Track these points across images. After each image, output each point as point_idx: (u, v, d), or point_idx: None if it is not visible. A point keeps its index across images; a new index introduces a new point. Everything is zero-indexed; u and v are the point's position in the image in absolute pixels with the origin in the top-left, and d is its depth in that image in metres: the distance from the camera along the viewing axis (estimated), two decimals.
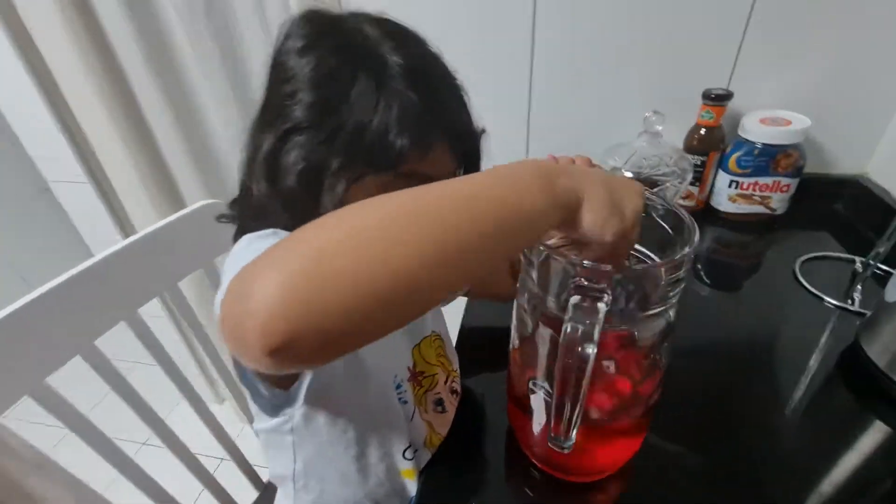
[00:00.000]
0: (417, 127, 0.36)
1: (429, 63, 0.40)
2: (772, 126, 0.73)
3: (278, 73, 0.39)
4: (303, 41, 0.38)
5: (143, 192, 1.02)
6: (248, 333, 0.20)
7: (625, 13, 0.76)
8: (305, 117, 0.37)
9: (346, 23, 0.39)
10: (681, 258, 0.30)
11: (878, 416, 0.49)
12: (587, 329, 0.27)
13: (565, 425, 0.29)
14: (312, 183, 0.38)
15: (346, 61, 0.37)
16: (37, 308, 0.51)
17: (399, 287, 0.21)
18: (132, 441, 1.32)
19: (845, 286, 0.65)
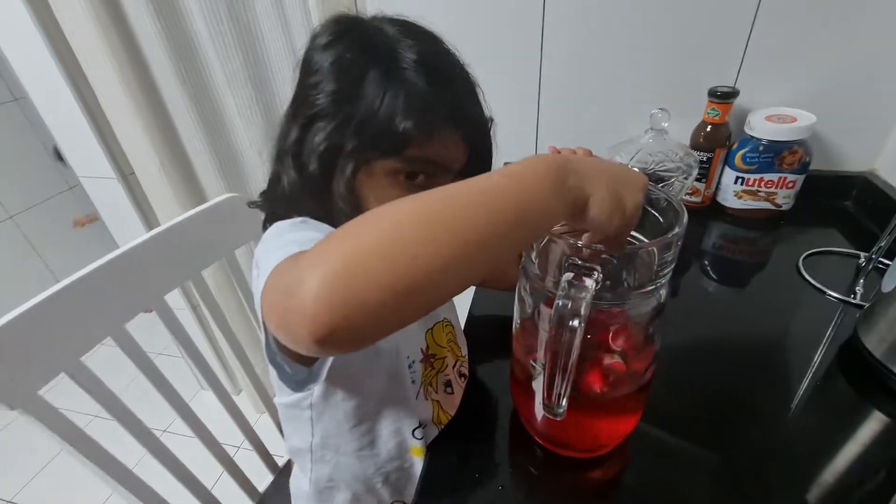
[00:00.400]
0: (422, 112, 0.39)
1: (441, 57, 0.43)
2: (777, 123, 0.74)
3: (305, 68, 0.43)
4: (327, 38, 0.41)
5: (169, 189, 1.07)
6: (296, 325, 0.24)
7: (632, 11, 0.78)
8: (326, 105, 0.40)
9: (367, 22, 0.43)
10: (671, 238, 0.32)
11: (876, 406, 0.50)
12: (576, 303, 0.29)
13: (557, 393, 0.31)
14: (329, 166, 0.41)
15: (362, 54, 0.40)
16: (71, 292, 0.55)
17: (427, 282, 0.25)
18: (155, 428, 1.37)
19: (849, 280, 0.66)
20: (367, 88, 0.39)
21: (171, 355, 1.67)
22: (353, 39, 0.41)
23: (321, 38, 0.42)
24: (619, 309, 0.35)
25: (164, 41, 0.93)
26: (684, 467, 0.45)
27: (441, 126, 0.41)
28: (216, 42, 0.93)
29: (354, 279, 0.23)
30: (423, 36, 0.43)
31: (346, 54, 0.40)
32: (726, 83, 0.79)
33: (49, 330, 0.54)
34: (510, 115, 0.92)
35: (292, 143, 0.42)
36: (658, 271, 0.32)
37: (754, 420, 0.50)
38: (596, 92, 0.87)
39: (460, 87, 0.43)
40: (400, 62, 0.39)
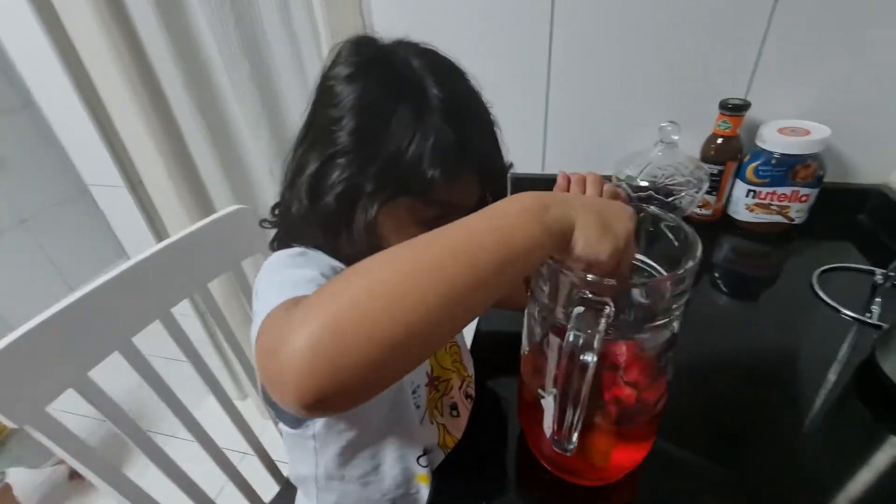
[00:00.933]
0: (449, 160, 0.38)
1: (467, 99, 0.43)
2: (790, 136, 0.73)
3: (326, 98, 0.41)
4: (351, 69, 0.40)
5: (176, 198, 1.07)
6: (284, 391, 0.23)
7: (642, 23, 0.77)
8: (348, 142, 0.39)
9: (393, 54, 0.41)
10: (683, 273, 0.31)
11: (893, 432, 0.49)
12: (588, 338, 0.29)
13: (567, 429, 0.31)
14: (348, 204, 0.40)
15: (389, 92, 0.39)
16: (80, 307, 0.56)
17: (413, 338, 0.24)
18: (161, 433, 1.38)
19: (865, 298, 0.65)
20: (393, 130, 0.38)
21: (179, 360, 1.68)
22: (379, 73, 0.40)
23: (343, 68, 0.41)
24: (630, 342, 0.34)
25: (171, 50, 0.94)
26: (695, 490, 0.44)
27: (465, 174, 0.41)
28: (223, 52, 0.94)
29: (339, 340, 0.23)
30: (448, 72, 0.42)
31: (371, 91, 0.39)
32: (737, 95, 0.78)
33: (56, 346, 0.54)
34: (519, 128, 0.92)
35: (309, 177, 0.41)
36: (671, 304, 0.32)
37: (767, 442, 0.49)
38: (605, 104, 0.86)
39: (485, 135, 0.44)
40: (427, 103, 0.39)
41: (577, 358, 0.29)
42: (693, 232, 0.34)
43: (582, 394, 0.29)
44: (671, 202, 0.74)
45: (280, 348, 0.24)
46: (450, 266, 0.25)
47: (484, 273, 0.26)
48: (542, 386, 0.38)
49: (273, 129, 1.03)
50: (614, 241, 0.30)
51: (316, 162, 0.41)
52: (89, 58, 0.96)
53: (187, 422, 0.67)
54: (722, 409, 0.53)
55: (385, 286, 0.25)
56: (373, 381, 0.24)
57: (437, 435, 0.51)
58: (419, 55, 0.41)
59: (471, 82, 0.44)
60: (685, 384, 0.38)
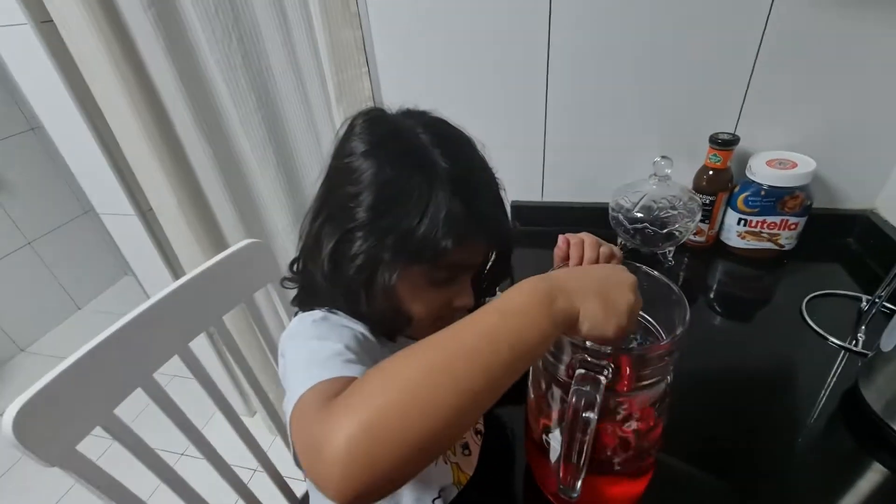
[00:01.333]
0: (459, 230, 0.41)
1: (473, 168, 0.46)
2: (778, 168, 0.76)
3: (343, 175, 0.44)
4: (366, 146, 0.44)
5: (186, 226, 1.10)
6: (328, 489, 0.27)
7: (635, 60, 0.81)
8: (366, 217, 0.42)
9: (403, 129, 0.45)
10: (672, 342, 0.34)
11: (877, 459, 0.52)
12: (589, 398, 0.32)
13: (572, 478, 0.34)
14: (367, 273, 0.43)
15: (402, 168, 0.42)
16: (105, 348, 0.58)
17: (443, 432, 0.28)
18: (172, 452, 1.40)
19: (852, 324, 0.68)
20: (406, 205, 0.41)
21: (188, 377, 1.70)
22: (392, 150, 0.43)
23: (358, 144, 0.44)
24: (626, 398, 0.38)
25: (178, 81, 0.97)
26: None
27: (474, 240, 0.44)
28: (230, 85, 0.97)
29: (375, 445, 0.26)
30: (455, 143, 0.45)
31: (385, 168, 0.42)
32: (727, 128, 0.82)
33: (85, 386, 0.57)
34: (517, 161, 0.95)
35: (331, 250, 0.44)
36: (665, 364, 0.35)
37: (755, 466, 0.52)
38: (601, 137, 0.89)
39: (491, 202, 0.46)
40: (437, 176, 0.41)
41: (580, 416, 0.32)
42: (681, 293, 0.37)
43: (584, 447, 0.32)
44: (666, 233, 0.77)
45: (322, 449, 0.27)
46: (469, 367, 0.29)
47: (501, 370, 0.29)
48: (547, 429, 0.42)
49: (278, 153, 1.06)
50: (618, 320, 0.33)
51: (335, 235, 0.44)
52: (97, 87, 0.98)
53: (198, 442, 0.69)
54: (710, 434, 0.55)
55: (412, 391, 0.28)
56: (407, 474, 0.28)
57: (451, 474, 0.54)
58: (426, 127, 0.45)
59: (477, 150, 0.47)
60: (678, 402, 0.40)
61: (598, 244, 0.45)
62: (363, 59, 0.91)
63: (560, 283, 0.33)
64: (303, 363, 0.38)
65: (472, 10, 0.81)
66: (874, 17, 0.70)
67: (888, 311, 0.69)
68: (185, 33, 0.94)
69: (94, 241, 2.14)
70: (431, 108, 0.48)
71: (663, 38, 0.78)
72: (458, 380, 0.28)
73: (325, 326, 0.45)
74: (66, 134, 1.08)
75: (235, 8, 0.91)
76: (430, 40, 0.87)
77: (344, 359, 0.39)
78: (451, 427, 0.28)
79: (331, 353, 0.39)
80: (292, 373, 0.38)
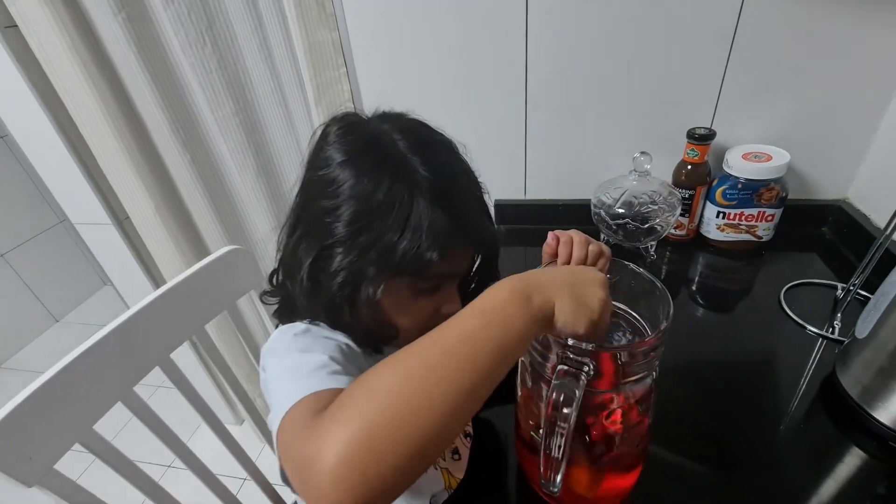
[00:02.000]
0: (443, 240, 0.40)
1: (453, 173, 0.44)
2: (754, 162, 0.78)
3: (319, 186, 0.43)
4: (342, 155, 0.42)
5: (165, 233, 1.08)
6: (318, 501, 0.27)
7: (613, 58, 0.82)
8: (345, 232, 0.41)
9: (379, 135, 0.43)
10: (656, 338, 0.34)
11: (855, 443, 0.53)
12: (568, 394, 0.32)
13: (552, 472, 0.34)
14: (350, 288, 0.42)
15: (381, 180, 0.40)
16: (82, 362, 0.57)
17: (434, 438, 0.28)
18: (159, 464, 1.38)
19: (828, 312, 0.70)
20: (388, 219, 0.40)
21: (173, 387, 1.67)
22: (368, 161, 0.41)
23: (334, 152, 0.42)
24: (612, 394, 0.38)
25: (152, 86, 0.95)
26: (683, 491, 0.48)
27: (458, 247, 0.43)
28: (206, 90, 0.95)
29: (366, 459, 0.26)
30: (433, 148, 0.44)
31: (363, 179, 0.41)
32: (703, 124, 0.83)
33: (62, 403, 0.55)
34: (499, 160, 0.96)
35: (309, 267, 0.43)
36: (649, 359, 0.35)
37: (739, 454, 0.53)
38: (581, 134, 0.90)
39: (474, 207, 0.45)
40: (417, 186, 0.40)
41: (559, 412, 0.32)
42: (664, 288, 0.38)
43: (563, 444, 0.33)
44: (648, 227, 0.78)
45: (312, 466, 0.26)
46: (453, 373, 0.28)
47: (484, 372, 0.29)
48: (535, 426, 0.42)
49: (258, 157, 1.05)
50: (588, 315, 0.33)
51: (313, 251, 0.43)
52: (66, 93, 0.95)
53: (184, 454, 0.68)
54: (693, 423, 0.56)
55: (400, 401, 0.28)
56: (401, 484, 0.28)
57: (441, 480, 0.54)
58: (404, 133, 0.43)
59: (458, 153, 0.46)
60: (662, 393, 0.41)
61: (586, 242, 0.45)
62: (341, 60, 0.91)
63: (535, 282, 0.34)
64: (286, 377, 0.37)
65: (449, 8, 0.81)
66: (842, 12, 0.72)
67: (862, 298, 0.71)
68: (157, 38, 0.92)
69: (70, 252, 2.08)
70: (409, 108, 0.48)
71: (640, 36, 0.79)
72: (443, 386, 0.28)
73: (307, 339, 0.44)
74: (35, 142, 1.05)
75: (209, 11, 0.89)
76: (409, 41, 0.86)
77: (329, 371, 0.38)
78: (441, 432, 0.28)
79: (315, 365, 0.38)
80: (276, 387, 0.37)
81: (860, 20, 0.72)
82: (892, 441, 0.51)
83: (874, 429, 0.52)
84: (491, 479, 0.53)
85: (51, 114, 1.00)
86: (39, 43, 0.90)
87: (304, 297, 0.44)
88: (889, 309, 0.49)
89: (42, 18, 0.86)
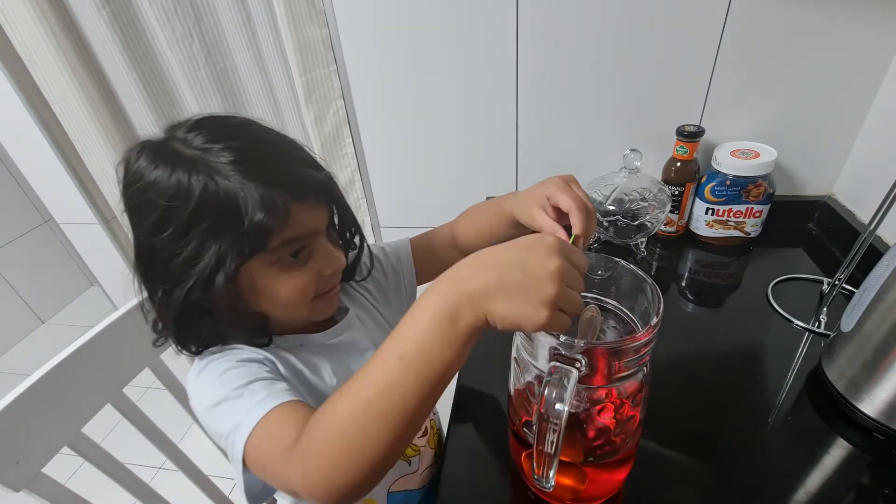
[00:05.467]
0: (269, 206, 0.40)
1: (257, 145, 0.44)
2: (742, 158, 0.79)
3: (138, 207, 0.42)
4: (149, 164, 0.41)
5: None
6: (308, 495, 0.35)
7: (602, 57, 0.82)
8: (174, 239, 0.41)
9: (169, 142, 0.43)
10: (647, 334, 0.35)
11: (841, 435, 0.54)
12: (560, 391, 0.32)
13: (545, 469, 0.34)
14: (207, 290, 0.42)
15: (181, 178, 0.40)
16: (70, 363, 0.56)
17: (389, 455, 0.33)
18: (150, 466, 1.36)
19: (815, 306, 0.71)
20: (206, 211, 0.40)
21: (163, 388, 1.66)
22: (164, 163, 0.41)
23: (141, 167, 0.41)
24: (604, 390, 0.38)
25: (138, 83, 0.93)
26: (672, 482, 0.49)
27: (291, 206, 0.42)
28: (194, 86, 0.94)
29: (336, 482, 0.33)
30: (226, 129, 0.44)
31: (168, 186, 0.40)
32: (693, 121, 0.84)
33: (49, 406, 0.54)
34: (490, 158, 0.96)
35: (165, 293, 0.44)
36: (639, 355, 0.35)
37: (727, 448, 0.53)
38: (571, 133, 0.91)
39: (289, 164, 0.45)
40: (218, 169, 0.40)
41: (552, 408, 0.32)
42: (654, 284, 0.38)
43: (556, 440, 0.33)
44: (638, 224, 0.79)
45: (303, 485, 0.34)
46: (398, 399, 0.32)
47: (428, 385, 0.32)
48: (528, 422, 0.42)
49: None
50: (541, 300, 0.30)
51: (162, 276, 0.43)
52: (49, 89, 0.94)
53: (174, 455, 0.68)
54: (687, 413, 0.57)
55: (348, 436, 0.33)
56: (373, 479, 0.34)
57: None
58: (192, 129, 0.43)
59: (258, 124, 0.46)
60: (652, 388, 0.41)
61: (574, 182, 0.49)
62: (331, 57, 0.90)
63: (465, 288, 0.31)
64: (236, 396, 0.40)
65: (440, 5, 0.81)
66: (827, 12, 0.73)
67: (847, 292, 0.72)
68: (143, 33, 0.90)
69: (56, 252, 2.05)
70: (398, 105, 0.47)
71: (630, 35, 0.79)
72: (393, 413, 0.32)
73: (221, 358, 0.45)
74: (19, 141, 1.04)
75: (196, 7, 0.88)
76: (399, 37, 0.86)
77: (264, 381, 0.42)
78: (395, 448, 0.33)
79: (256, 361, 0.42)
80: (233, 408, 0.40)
81: (846, 19, 0.73)
82: (876, 432, 0.52)
83: (859, 420, 0.53)
84: (483, 474, 0.53)
85: (35, 112, 0.98)
86: (22, 40, 0.88)
87: (178, 323, 0.45)
88: (873, 303, 0.50)
89: (25, 15, 0.84)
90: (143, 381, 0.65)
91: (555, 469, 0.34)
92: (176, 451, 0.68)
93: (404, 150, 0.98)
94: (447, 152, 0.97)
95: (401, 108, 0.92)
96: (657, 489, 0.49)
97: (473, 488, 0.52)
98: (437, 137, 0.95)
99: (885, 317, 0.49)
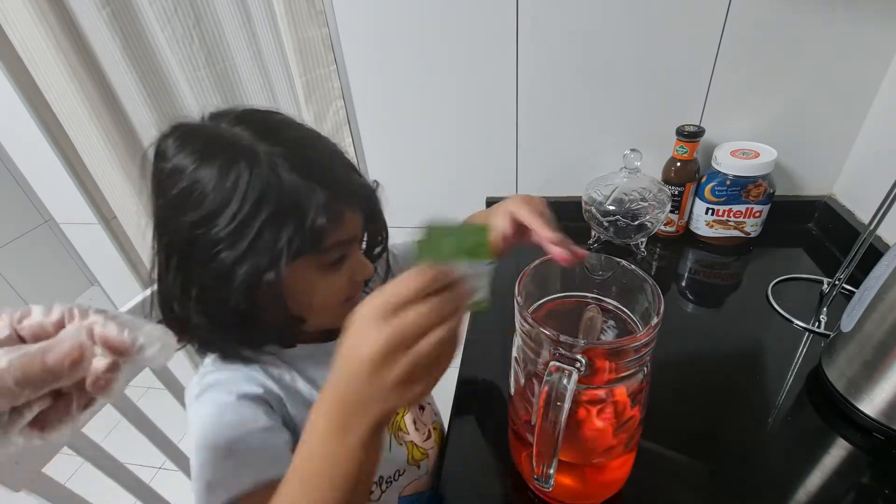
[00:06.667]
0: (325, 208, 0.40)
1: (306, 145, 0.44)
2: (741, 159, 0.79)
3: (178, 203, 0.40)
4: (193, 161, 0.39)
5: None
6: None
7: (603, 57, 0.82)
8: (227, 233, 0.39)
9: (222, 134, 0.41)
10: (647, 334, 0.35)
11: (841, 435, 0.54)
12: (561, 390, 0.32)
13: (545, 468, 0.34)
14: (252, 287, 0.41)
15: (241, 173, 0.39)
16: None
17: None
18: (150, 466, 1.36)
19: (815, 306, 0.71)
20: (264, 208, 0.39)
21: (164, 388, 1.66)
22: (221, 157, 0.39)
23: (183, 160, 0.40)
24: (604, 390, 0.38)
25: (138, 83, 0.93)
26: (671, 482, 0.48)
27: (344, 210, 0.43)
28: (194, 86, 0.94)
29: None
30: (275, 127, 0.43)
31: (223, 179, 0.39)
32: (693, 121, 0.84)
33: None
34: (490, 157, 0.96)
35: (202, 286, 0.42)
36: (640, 355, 0.35)
37: (727, 447, 0.53)
38: (571, 133, 0.91)
39: (339, 167, 0.45)
40: (278, 167, 0.39)
41: (552, 408, 0.32)
42: (655, 285, 0.38)
43: (557, 438, 0.33)
44: (638, 224, 0.79)
45: None
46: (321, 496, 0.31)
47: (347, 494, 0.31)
48: (528, 421, 0.42)
49: None
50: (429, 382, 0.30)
51: (201, 269, 0.41)
52: (49, 89, 0.94)
53: (174, 455, 0.68)
54: (688, 413, 0.57)
55: None
56: None
57: (405, 454, 0.55)
58: (241, 123, 0.41)
59: (300, 124, 0.45)
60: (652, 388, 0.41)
61: None
62: (331, 57, 0.90)
63: (351, 394, 0.30)
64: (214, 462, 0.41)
65: (440, 5, 0.81)
66: (828, 11, 0.73)
67: (847, 292, 0.72)
68: (143, 33, 0.90)
69: (56, 252, 2.05)
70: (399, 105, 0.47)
71: (630, 35, 0.79)
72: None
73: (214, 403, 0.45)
74: (19, 141, 1.04)
75: (196, 7, 0.88)
76: (399, 37, 0.86)
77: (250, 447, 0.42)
78: None
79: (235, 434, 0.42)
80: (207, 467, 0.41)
81: (846, 19, 0.73)
82: (875, 432, 0.52)
83: (859, 420, 0.53)
84: (484, 473, 0.53)
85: (35, 112, 0.98)
86: (22, 40, 0.88)
87: (206, 318, 0.43)
88: (873, 303, 0.50)
89: (25, 15, 0.84)
90: (143, 381, 0.65)
91: (555, 469, 0.34)
92: (176, 451, 0.68)
93: (404, 150, 0.98)
94: (447, 152, 0.97)
95: (401, 108, 0.92)
96: (657, 489, 0.49)
97: (474, 488, 0.52)
98: (437, 137, 0.95)
99: (885, 317, 0.49)
